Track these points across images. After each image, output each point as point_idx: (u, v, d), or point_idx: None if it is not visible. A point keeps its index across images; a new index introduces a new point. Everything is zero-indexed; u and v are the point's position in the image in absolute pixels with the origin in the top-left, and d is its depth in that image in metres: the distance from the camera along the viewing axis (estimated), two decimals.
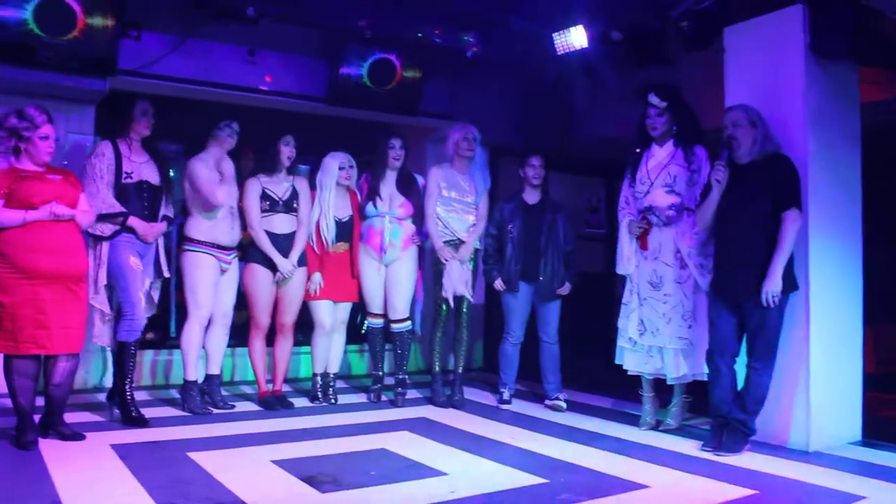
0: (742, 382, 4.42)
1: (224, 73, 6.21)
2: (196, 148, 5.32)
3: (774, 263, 4.18)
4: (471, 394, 6.00)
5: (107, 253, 4.68)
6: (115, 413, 4.85)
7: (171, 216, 5.07)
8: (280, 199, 5.38)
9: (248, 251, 5.40)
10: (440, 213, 5.63)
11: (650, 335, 4.88)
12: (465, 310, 5.69)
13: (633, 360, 5.01)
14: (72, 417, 4.70)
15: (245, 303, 5.52)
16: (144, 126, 4.87)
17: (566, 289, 5.68)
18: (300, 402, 5.63)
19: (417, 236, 5.75)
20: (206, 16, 5.76)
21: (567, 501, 3.50)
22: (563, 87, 6.99)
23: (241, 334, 5.82)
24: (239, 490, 3.51)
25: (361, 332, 5.95)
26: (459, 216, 5.65)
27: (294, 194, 5.44)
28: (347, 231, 5.62)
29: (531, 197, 5.78)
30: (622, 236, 5.06)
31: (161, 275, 5.00)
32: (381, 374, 5.93)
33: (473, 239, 5.66)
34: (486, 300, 7.51)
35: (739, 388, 4.43)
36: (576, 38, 5.84)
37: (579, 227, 7.98)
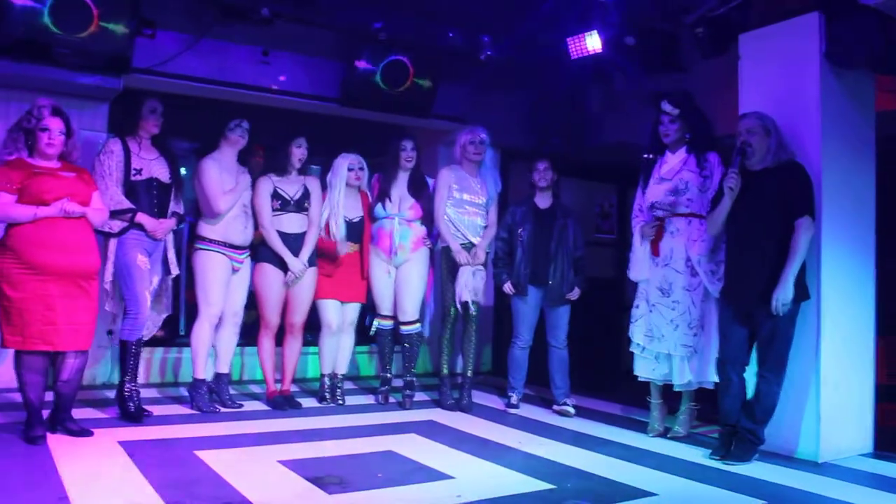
0: (752, 391, 4.40)
1: (238, 73, 6.22)
2: (209, 147, 5.34)
3: (786, 271, 4.16)
4: (479, 397, 6.00)
5: (114, 250, 4.70)
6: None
7: (181, 213, 5.08)
8: (291, 199, 5.39)
9: (259, 251, 5.40)
10: (451, 214, 5.62)
11: (657, 341, 4.87)
12: (473, 313, 5.68)
13: (642, 365, 5.00)
14: (81, 413, 4.73)
15: (255, 302, 5.53)
16: (153, 124, 4.89)
17: (575, 294, 5.67)
18: (308, 402, 5.64)
19: (428, 238, 5.74)
20: (221, 15, 5.78)
21: None
22: (576, 92, 6.98)
23: (250, 333, 5.83)
24: (246, 490, 3.51)
25: (370, 333, 5.94)
26: (471, 218, 5.64)
27: (305, 194, 5.44)
28: (358, 232, 5.63)
29: (542, 201, 5.77)
30: (635, 242, 5.04)
31: (169, 272, 5.01)
32: (389, 375, 5.93)
33: (486, 243, 5.65)
34: (496, 303, 7.50)
35: (749, 396, 4.42)
36: (590, 43, 5.84)
37: (590, 233, 7.98)
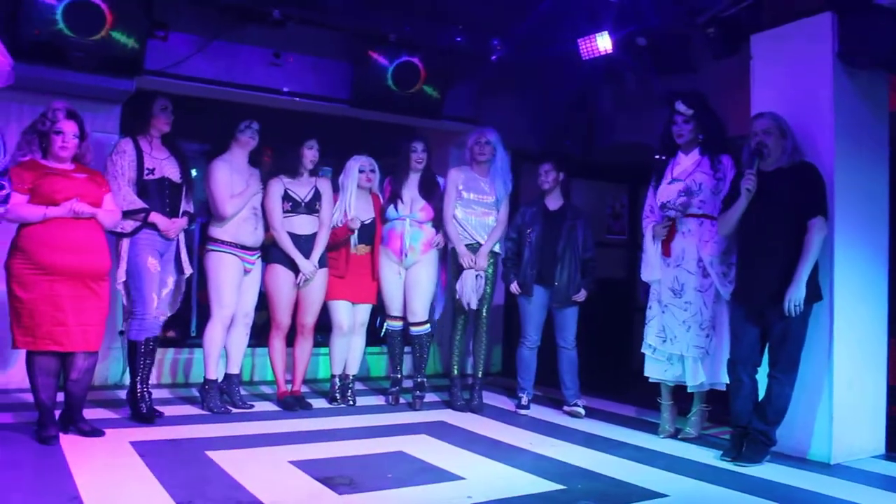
0: (763, 392, 4.38)
1: (249, 75, 6.24)
2: (220, 149, 5.36)
3: (799, 271, 4.14)
4: (489, 398, 5.99)
5: (127, 250, 4.72)
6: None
7: (192, 212, 5.10)
8: (302, 201, 5.40)
9: (270, 252, 5.42)
10: (458, 215, 5.62)
11: (669, 342, 4.86)
12: (484, 314, 5.68)
13: (654, 367, 4.98)
14: (93, 414, 4.75)
15: (266, 303, 5.54)
16: (163, 122, 4.91)
17: (582, 295, 5.66)
18: (319, 403, 5.65)
19: (439, 237, 5.73)
20: (233, 17, 5.82)
21: None
22: (587, 93, 6.97)
23: (261, 334, 5.84)
24: (256, 490, 3.52)
25: (381, 334, 5.94)
26: (479, 218, 5.64)
27: (316, 195, 5.46)
28: (369, 233, 5.64)
29: (552, 202, 5.76)
30: (647, 242, 5.03)
31: (182, 271, 5.02)
32: (399, 376, 5.93)
33: (490, 244, 5.64)
34: (506, 304, 7.50)
35: (761, 398, 4.40)
36: (601, 43, 5.83)
37: (601, 234, 7.96)
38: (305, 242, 5.39)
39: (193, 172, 5.23)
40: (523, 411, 5.67)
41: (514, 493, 3.68)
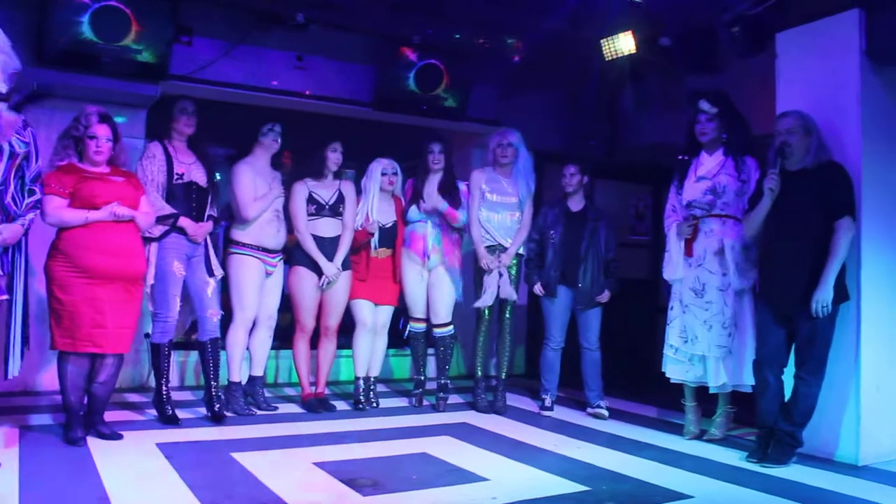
0: (790, 393, 4.34)
1: (273, 79, 6.28)
2: (243, 152, 5.39)
3: (826, 272, 4.10)
4: (512, 399, 5.98)
5: (155, 254, 4.76)
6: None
7: (217, 216, 5.13)
8: (326, 203, 5.43)
9: (294, 254, 5.45)
10: (481, 216, 5.62)
11: (691, 343, 4.83)
12: (507, 315, 5.68)
13: (675, 367, 4.95)
14: (118, 416, 4.82)
15: (289, 305, 5.57)
16: (184, 123, 4.93)
17: (605, 296, 5.64)
18: (342, 405, 5.67)
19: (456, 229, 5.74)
20: (256, 21, 5.86)
21: None
22: (611, 94, 6.95)
23: (284, 336, 5.87)
24: (281, 491, 3.54)
25: (404, 336, 5.95)
26: (501, 219, 5.63)
27: (340, 198, 5.48)
28: (391, 236, 5.65)
29: (574, 203, 5.74)
30: (671, 241, 5.00)
31: (212, 273, 5.03)
32: (423, 378, 5.93)
33: (516, 247, 5.63)
34: (529, 306, 7.48)
35: (787, 398, 4.36)
36: (624, 44, 5.80)
37: (625, 234, 7.92)
38: (329, 245, 5.41)
39: (217, 176, 5.26)
40: (547, 413, 5.65)
41: (539, 494, 3.67)
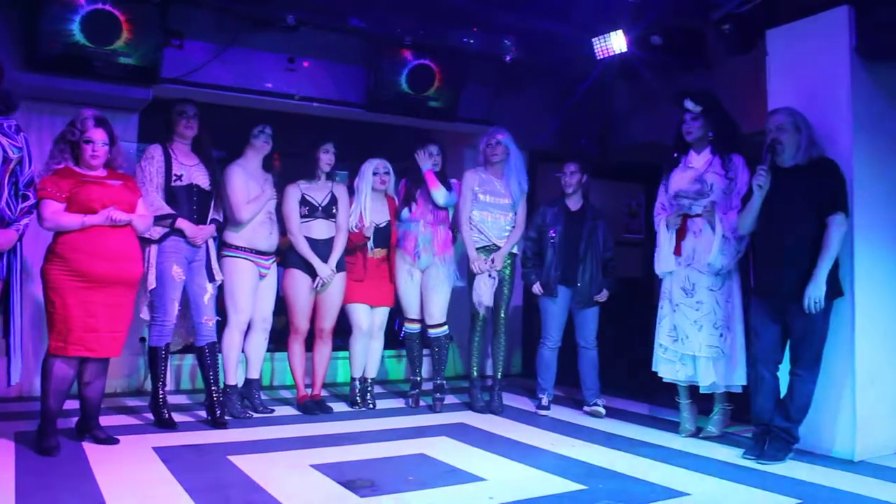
0: (785, 390, 4.36)
1: (264, 81, 6.27)
2: (234, 155, 5.37)
3: (819, 267, 4.12)
4: (509, 399, 5.98)
5: (156, 256, 4.74)
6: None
7: (220, 220, 5.10)
8: (319, 205, 5.42)
9: (288, 256, 5.44)
10: (474, 217, 5.62)
11: (681, 342, 4.84)
12: (502, 316, 5.68)
13: (666, 367, 4.97)
14: (115, 420, 4.81)
15: (284, 308, 5.56)
16: (184, 126, 4.92)
17: (604, 296, 5.66)
18: (339, 406, 5.66)
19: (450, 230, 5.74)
20: (247, 24, 5.85)
21: None
22: (603, 92, 6.95)
23: (280, 339, 5.86)
24: (279, 494, 3.54)
25: (399, 337, 5.95)
26: (495, 219, 5.63)
27: (333, 200, 5.48)
28: (385, 236, 5.65)
29: (573, 203, 5.75)
30: (661, 235, 5.00)
31: (213, 279, 5.01)
32: (419, 379, 5.93)
33: (508, 247, 5.63)
34: (525, 305, 7.49)
35: (782, 395, 4.37)
36: (615, 42, 5.81)
37: (619, 233, 7.94)
38: (323, 247, 5.41)
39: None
40: (543, 412, 5.66)
41: (536, 493, 3.67)
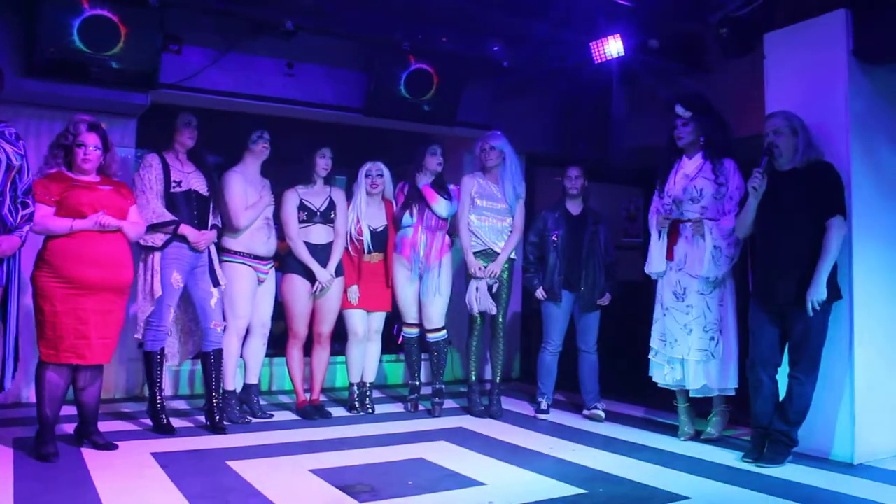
0: (784, 393, 4.35)
1: (263, 86, 6.27)
2: (231, 160, 5.38)
3: (819, 271, 4.12)
4: (508, 404, 5.98)
5: (158, 263, 4.73)
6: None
7: (220, 225, 5.09)
8: (318, 210, 5.43)
9: (286, 262, 5.44)
10: (472, 221, 5.62)
11: (670, 346, 4.85)
12: (500, 320, 5.67)
13: (657, 371, 5.00)
14: (113, 426, 4.81)
15: (283, 313, 5.56)
16: (188, 136, 4.94)
17: (606, 300, 5.67)
18: (337, 411, 5.66)
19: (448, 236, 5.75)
20: (246, 29, 5.85)
21: None
22: (601, 96, 6.96)
23: (278, 344, 5.86)
24: (278, 499, 3.54)
25: (398, 342, 5.94)
26: (492, 224, 5.63)
27: (331, 205, 5.48)
28: (382, 241, 5.65)
29: (574, 207, 5.76)
30: (653, 237, 5.06)
31: (217, 283, 5.00)
32: (417, 383, 5.91)
33: (507, 252, 5.62)
34: (523, 309, 7.48)
35: (781, 398, 4.37)
36: (613, 47, 5.82)
37: (618, 237, 7.94)
38: (321, 252, 5.41)
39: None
40: (543, 416, 5.65)
41: (536, 497, 3.67)
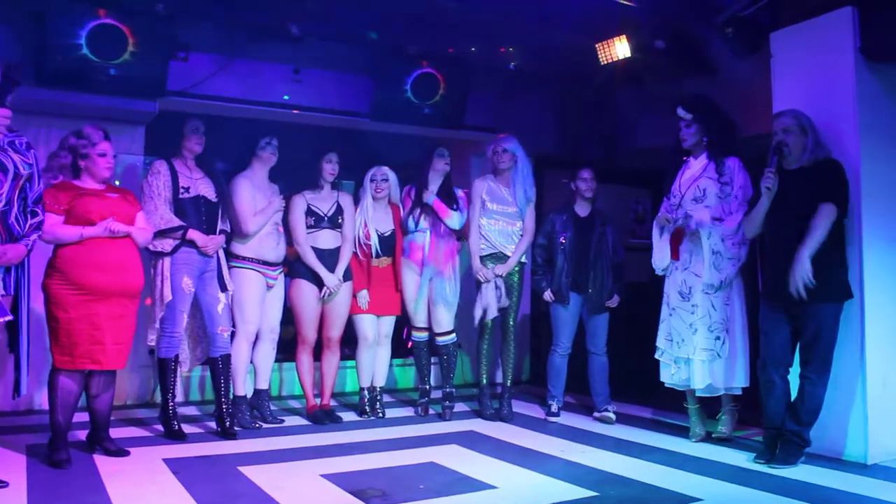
0: (796, 393, 4.33)
1: (270, 92, 6.29)
2: (239, 167, 5.39)
3: (801, 250, 4.10)
4: (519, 406, 5.97)
5: (169, 268, 4.76)
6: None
7: (228, 230, 5.12)
8: (325, 215, 5.44)
9: (294, 267, 5.46)
10: (482, 224, 5.63)
11: (676, 346, 4.84)
12: (511, 323, 5.67)
13: (664, 371, 4.99)
14: (125, 432, 4.82)
15: (292, 318, 5.57)
16: (195, 142, 4.97)
17: (615, 301, 5.66)
18: (348, 416, 5.66)
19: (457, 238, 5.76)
20: (252, 36, 5.87)
21: None
22: (608, 97, 6.96)
23: (288, 349, 5.87)
24: None
25: (407, 346, 5.95)
26: (502, 228, 5.63)
27: (339, 210, 5.49)
28: (390, 245, 5.66)
29: (582, 209, 5.75)
30: (654, 232, 5.08)
31: (225, 288, 5.01)
32: (427, 387, 5.92)
33: (518, 255, 5.63)
34: (533, 312, 7.47)
35: (793, 398, 4.35)
36: (619, 48, 5.81)
37: (626, 238, 7.92)
38: (329, 257, 5.42)
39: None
40: (553, 419, 5.64)
41: (547, 500, 3.66)
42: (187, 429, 4.93)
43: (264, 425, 5.28)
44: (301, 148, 5.61)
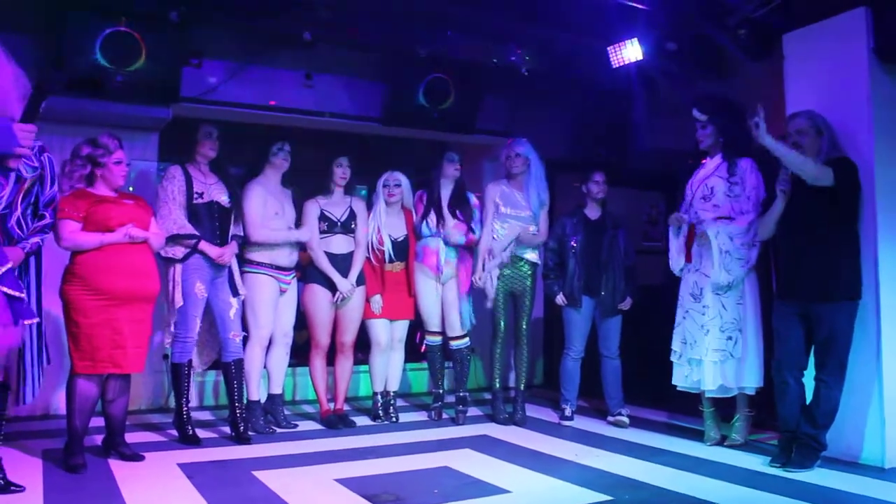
0: (811, 396, 4.31)
1: (282, 97, 6.31)
2: (252, 172, 5.41)
3: (776, 146, 4.17)
4: (532, 410, 5.97)
5: (181, 274, 4.79)
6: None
7: (241, 236, 5.14)
8: (338, 221, 5.45)
9: (308, 272, 5.47)
10: (496, 228, 5.63)
11: (690, 347, 4.83)
12: (524, 327, 5.67)
13: (678, 373, 4.97)
14: (139, 436, 4.84)
15: (305, 323, 5.58)
16: (209, 147, 5.00)
17: (627, 304, 5.65)
18: (362, 420, 5.66)
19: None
20: (265, 42, 5.90)
21: None
22: (621, 100, 6.94)
23: (301, 354, 5.89)
24: None
25: (421, 350, 5.95)
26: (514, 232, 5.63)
27: (352, 215, 5.51)
28: (403, 250, 5.66)
29: (593, 212, 5.75)
30: (670, 233, 5.10)
31: (237, 293, 5.03)
32: (441, 391, 5.92)
33: (509, 241, 5.60)
34: (545, 315, 7.46)
35: (808, 401, 4.32)
36: (631, 51, 5.80)
37: (638, 241, 7.90)
38: (342, 262, 5.44)
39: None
40: (567, 423, 5.63)
41: None
42: (201, 433, 4.95)
43: (278, 430, 5.29)
44: (314, 153, 5.62)
